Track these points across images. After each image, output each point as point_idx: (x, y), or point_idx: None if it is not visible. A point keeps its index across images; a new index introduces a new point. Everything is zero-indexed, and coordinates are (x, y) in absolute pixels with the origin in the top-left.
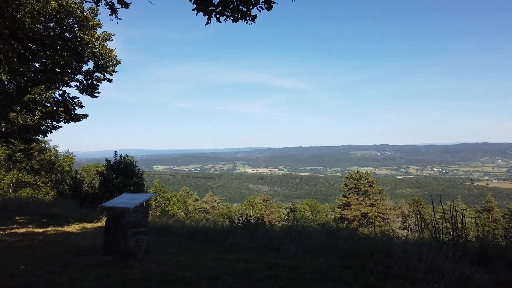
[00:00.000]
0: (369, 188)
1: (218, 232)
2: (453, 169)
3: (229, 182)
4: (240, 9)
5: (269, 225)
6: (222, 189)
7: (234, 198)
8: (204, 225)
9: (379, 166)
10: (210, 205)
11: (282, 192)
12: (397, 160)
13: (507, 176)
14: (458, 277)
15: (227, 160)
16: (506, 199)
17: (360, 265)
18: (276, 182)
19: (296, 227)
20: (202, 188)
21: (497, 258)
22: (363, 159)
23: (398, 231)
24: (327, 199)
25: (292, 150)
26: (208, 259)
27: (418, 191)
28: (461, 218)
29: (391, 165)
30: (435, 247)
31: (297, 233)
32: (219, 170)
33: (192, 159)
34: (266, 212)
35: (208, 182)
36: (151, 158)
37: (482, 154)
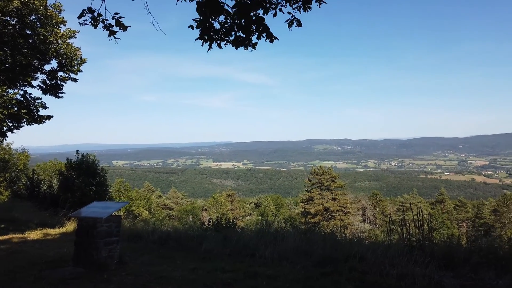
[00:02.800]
0: (332, 183)
1: (191, 237)
2: (409, 162)
3: (192, 177)
4: (240, 36)
5: (240, 227)
6: (186, 184)
7: (197, 193)
8: (176, 229)
9: (340, 160)
10: (173, 201)
11: (246, 187)
12: (357, 154)
13: (458, 169)
14: (428, 283)
15: (190, 155)
16: (457, 191)
17: (336, 272)
18: (240, 176)
19: (269, 230)
20: (165, 184)
21: (463, 262)
22: (325, 153)
23: (358, 224)
24: (290, 193)
25: (256, 145)
26: (185, 269)
27: (377, 184)
28: (427, 220)
29: (351, 159)
30: (405, 252)
31: (271, 237)
32: (182, 165)
33: (154, 153)
34: (231, 208)
35: (170, 177)
36: (110, 153)
37: (436, 148)
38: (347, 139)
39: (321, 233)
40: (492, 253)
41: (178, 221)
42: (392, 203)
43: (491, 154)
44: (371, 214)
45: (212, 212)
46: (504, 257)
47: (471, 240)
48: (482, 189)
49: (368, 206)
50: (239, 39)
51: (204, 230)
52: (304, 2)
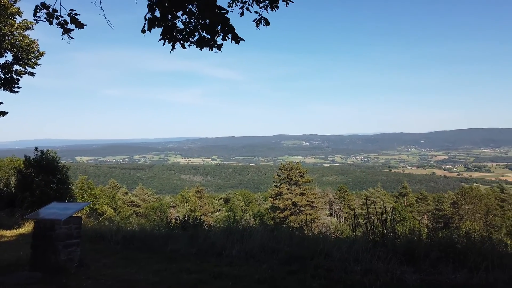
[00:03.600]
0: (300, 178)
1: (157, 237)
2: (374, 157)
3: (160, 173)
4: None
5: (208, 225)
6: (153, 181)
7: (165, 190)
8: (141, 228)
9: (308, 155)
10: (140, 198)
11: (215, 182)
12: (324, 149)
13: (420, 163)
14: (391, 278)
15: (158, 151)
16: (419, 184)
17: (302, 269)
18: (209, 172)
19: (237, 228)
20: (131, 180)
21: (423, 257)
22: (293, 148)
23: (326, 218)
24: (259, 188)
25: (225, 140)
26: (149, 271)
27: (343, 178)
28: (390, 216)
29: (319, 154)
30: (369, 248)
31: (238, 235)
32: (149, 160)
33: (120, 149)
34: (200, 204)
35: (137, 173)
36: (74, 149)
37: (399, 144)
38: (315, 134)
39: (288, 229)
40: (450, 247)
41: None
42: (358, 197)
43: (450, 149)
44: (338, 208)
45: (181, 208)
46: (461, 251)
47: (431, 235)
48: (442, 183)
49: (335, 200)
50: (203, 39)
51: (170, 229)
52: (271, 2)
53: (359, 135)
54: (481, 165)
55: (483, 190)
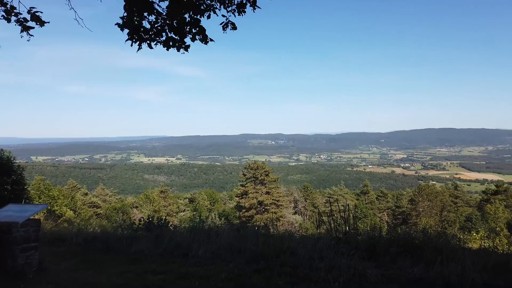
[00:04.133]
0: (266, 177)
1: (120, 238)
2: (337, 156)
3: (122, 173)
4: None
5: (173, 225)
6: (115, 181)
7: (128, 190)
8: (103, 229)
9: (274, 154)
10: (101, 199)
11: (179, 182)
12: (290, 148)
13: (380, 162)
14: (353, 274)
15: (120, 150)
16: (379, 182)
17: (268, 268)
18: (173, 171)
19: (203, 227)
20: (92, 180)
21: (384, 252)
22: (259, 147)
23: (290, 216)
24: (225, 187)
25: (190, 139)
26: (112, 273)
27: (308, 176)
28: (352, 213)
29: (284, 153)
30: (333, 245)
31: (205, 235)
32: (111, 160)
33: (80, 148)
34: (164, 204)
35: (98, 173)
36: (29, 148)
37: (361, 143)
38: (281, 133)
39: (254, 228)
40: (409, 243)
41: (106, 219)
42: (321, 195)
43: (409, 148)
44: (302, 206)
45: (144, 209)
46: (419, 246)
47: (391, 231)
48: (401, 180)
49: (300, 199)
50: (171, 40)
51: (134, 230)
52: (239, 6)
53: (323, 135)
54: (437, 164)
55: (439, 187)
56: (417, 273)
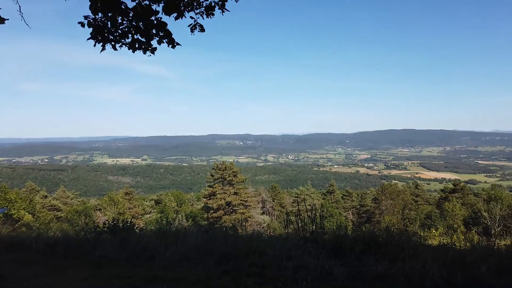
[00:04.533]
0: (234, 178)
1: (83, 242)
2: (304, 156)
3: (84, 175)
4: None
5: (139, 228)
6: (77, 183)
7: (91, 192)
8: (65, 233)
9: (242, 155)
10: (62, 201)
11: (145, 183)
12: (258, 148)
13: (345, 162)
14: (320, 273)
15: (82, 150)
16: (344, 182)
17: (237, 268)
18: (139, 172)
19: (170, 229)
20: (52, 183)
21: (349, 251)
22: (227, 148)
23: (258, 216)
24: (192, 188)
25: (156, 139)
26: (76, 278)
27: (275, 177)
28: (319, 213)
29: (252, 154)
30: (300, 244)
31: (172, 237)
32: (73, 161)
33: (38, 149)
34: (129, 206)
35: (59, 175)
36: None
37: (327, 143)
38: (249, 134)
39: (222, 229)
40: (373, 240)
41: (68, 223)
42: (289, 195)
43: (372, 148)
44: (270, 206)
45: (108, 211)
46: (382, 244)
47: (356, 230)
48: (365, 180)
49: (268, 199)
50: (137, 42)
51: (98, 233)
52: (207, 9)
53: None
54: (399, 163)
55: (400, 186)
56: (381, 270)
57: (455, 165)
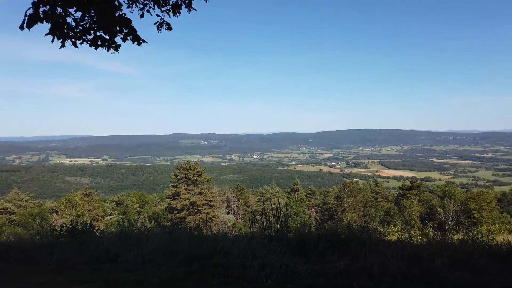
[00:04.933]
0: (198, 177)
1: (39, 246)
2: (269, 155)
3: (40, 176)
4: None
5: (100, 231)
6: (31, 184)
7: (47, 194)
8: (19, 238)
9: (206, 154)
10: (15, 204)
11: (105, 184)
12: (223, 148)
13: (309, 161)
14: (285, 271)
15: (37, 150)
16: (308, 180)
17: (202, 269)
18: (99, 173)
19: (132, 231)
20: (4, 184)
21: (313, 248)
22: (191, 147)
23: (223, 216)
24: (155, 188)
25: (117, 139)
26: (33, 284)
27: (240, 176)
28: (284, 211)
29: (217, 153)
30: (265, 243)
31: (135, 239)
32: (27, 161)
33: None
34: (88, 208)
35: (11, 176)
36: None
37: (291, 142)
38: (213, 133)
39: (187, 230)
40: (335, 237)
41: (22, 227)
42: (254, 194)
43: (334, 147)
44: (235, 205)
45: (66, 214)
46: (344, 240)
47: (319, 227)
48: (327, 178)
49: (233, 198)
50: (99, 39)
51: (56, 237)
52: (174, 7)
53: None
54: (360, 162)
55: (361, 184)
56: (343, 266)
57: (412, 163)
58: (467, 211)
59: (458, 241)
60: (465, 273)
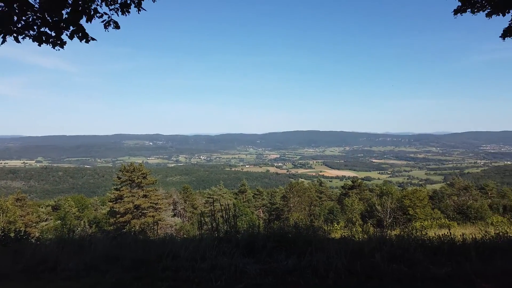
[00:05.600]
0: (143, 180)
1: None
2: (216, 156)
3: None
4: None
5: (36, 237)
6: None
7: None
8: None
9: (152, 156)
10: None
11: (40, 188)
12: (169, 149)
13: (256, 162)
14: (234, 271)
15: None
16: (255, 181)
17: (149, 274)
18: (32, 176)
19: (73, 237)
20: None
21: (261, 248)
22: (136, 148)
23: (170, 219)
24: (96, 192)
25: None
26: None
27: (187, 178)
28: (232, 212)
29: (162, 154)
30: (215, 244)
31: (76, 246)
32: None
33: None
34: (21, 214)
35: None
36: None
37: (239, 143)
38: (159, 134)
39: (132, 234)
40: (283, 237)
41: None
42: (201, 196)
43: (281, 148)
44: (182, 208)
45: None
46: (291, 239)
47: (267, 227)
48: (274, 179)
49: (179, 200)
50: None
51: None
52: (123, 6)
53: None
54: (305, 162)
55: (306, 184)
56: (291, 265)
57: (353, 163)
58: (402, 208)
59: (396, 237)
60: (401, 266)
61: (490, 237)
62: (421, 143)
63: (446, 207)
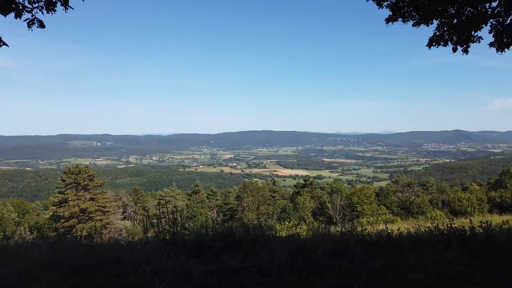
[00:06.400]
0: (90, 182)
1: None
2: (169, 157)
3: None
4: None
5: None
6: None
7: None
8: None
9: (100, 157)
10: None
11: None
12: (118, 150)
13: (210, 162)
14: (179, 273)
15: None
16: (209, 181)
17: (89, 280)
18: None
19: (8, 245)
20: None
21: (208, 249)
22: (82, 149)
23: (119, 222)
24: (38, 195)
25: None
26: None
27: (138, 179)
28: (182, 214)
29: (112, 155)
30: (160, 247)
31: (11, 253)
32: None
33: None
34: None
35: None
36: None
37: (192, 144)
38: (107, 134)
39: (74, 240)
40: (230, 237)
41: None
42: (153, 198)
43: (235, 148)
44: (132, 210)
45: None
46: (238, 239)
47: (216, 227)
48: (229, 179)
49: (129, 203)
50: None
51: None
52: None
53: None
54: (259, 162)
55: (260, 183)
56: (236, 264)
57: (306, 162)
58: (351, 205)
59: (339, 233)
60: (341, 260)
61: (423, 230)
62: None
63: (391, 203)
